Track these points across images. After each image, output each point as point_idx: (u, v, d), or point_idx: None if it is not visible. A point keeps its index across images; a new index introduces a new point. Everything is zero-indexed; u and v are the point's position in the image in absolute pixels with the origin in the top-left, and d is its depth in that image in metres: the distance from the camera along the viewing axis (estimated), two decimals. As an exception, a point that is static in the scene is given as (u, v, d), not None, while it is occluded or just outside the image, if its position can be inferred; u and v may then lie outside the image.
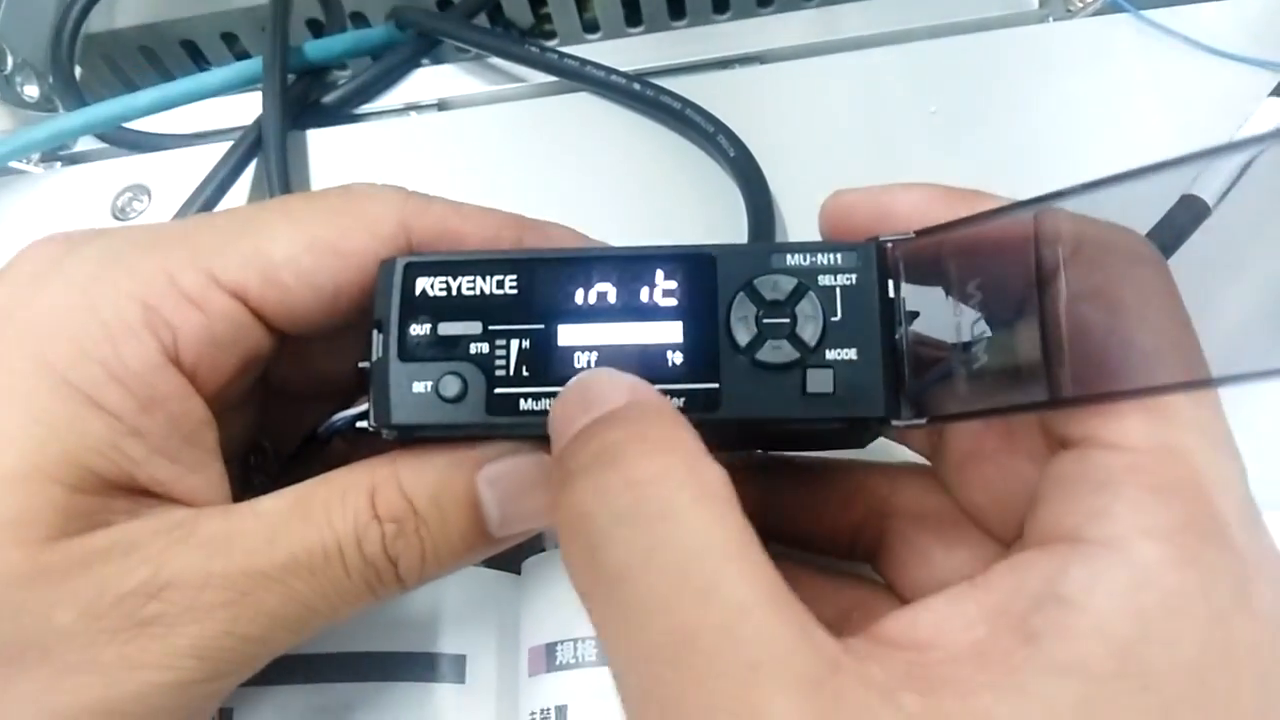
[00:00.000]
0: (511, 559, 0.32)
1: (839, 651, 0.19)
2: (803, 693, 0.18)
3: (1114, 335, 0.22)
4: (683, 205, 0.43)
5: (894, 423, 0.24)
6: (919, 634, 0.21)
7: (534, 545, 0.32)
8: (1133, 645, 0.19)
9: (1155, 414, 0.21)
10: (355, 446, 0.28)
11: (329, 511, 0.24)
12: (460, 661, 0.31)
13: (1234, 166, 0.33)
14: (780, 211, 0.41)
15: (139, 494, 0.24)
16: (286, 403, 0.30)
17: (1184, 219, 0.33)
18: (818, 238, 0.27)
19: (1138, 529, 0.20)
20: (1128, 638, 0.19)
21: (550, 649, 0.31)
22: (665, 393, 0.24)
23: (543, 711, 0.30)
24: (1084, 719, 0.18)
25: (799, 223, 0.41)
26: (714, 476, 0.21)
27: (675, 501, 0.20)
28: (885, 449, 0.28)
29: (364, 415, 0.26)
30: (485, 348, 0.25)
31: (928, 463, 0.28)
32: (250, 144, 0.44)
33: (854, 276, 0.24)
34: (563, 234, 0.29)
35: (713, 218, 0.42)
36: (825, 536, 0.29)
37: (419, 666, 0.31)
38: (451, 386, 0.24)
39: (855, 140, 0.43)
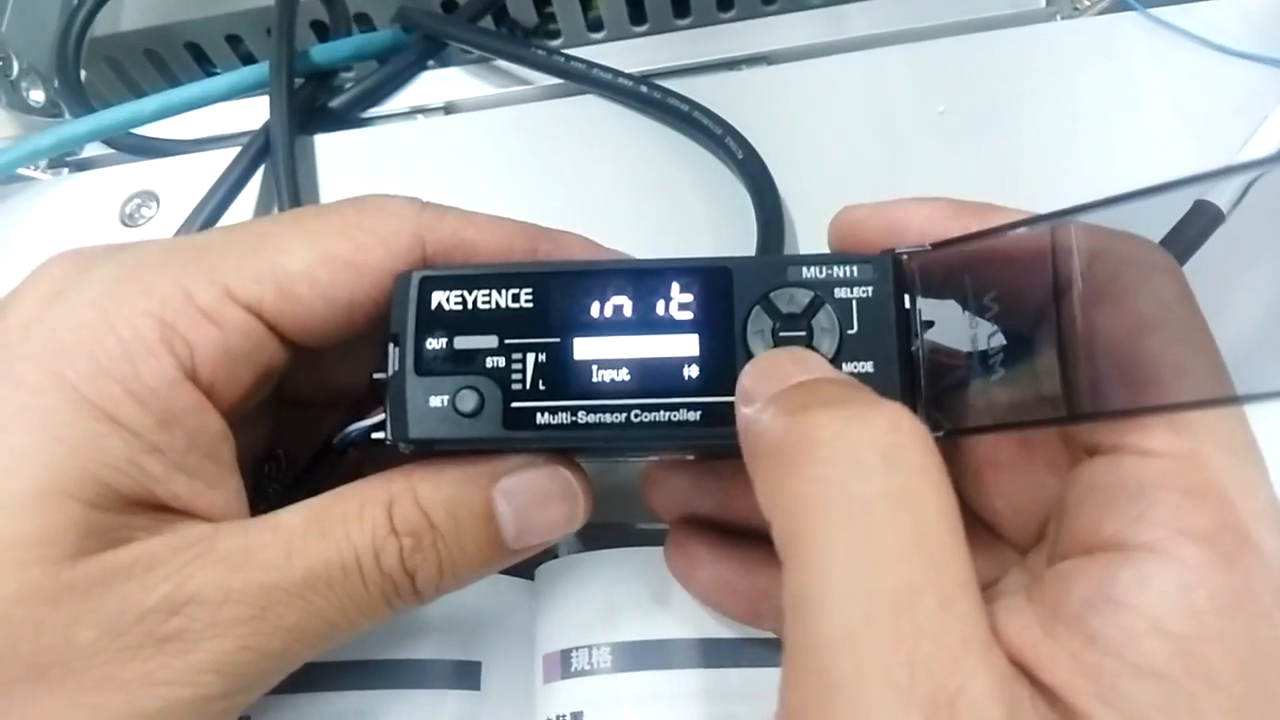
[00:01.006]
0: (525, 565, 0.32)
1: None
2: (1000, 683, 0.19)
3: (1132, 345, 0.22)
4: (691, 208, 0.43)
5: (911, 435, 0.24)
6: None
7: (547, 552, 0.32)
8: (1192, 644, 0.19)
9: (1177, 423, 0.21)
10: (369, 456, 0.29)
11: (346, 526, 0.24)
12: (475, 669, 0.31)
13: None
14: (789, 213, 0.41)
15: (158, 510, 0.24)
16: (300, 412, 0.31)
17: (1198, 225, 0.33)
18: (827, 243, 0.27)
19: (1178, 532, 0.20)
20: (1186, 636, 0.19)
21: (565, 655, 0.31)
22: (681, 406, 0.24)
23: (559, 718, 0.30)
24: (1169, 718, 0.19)
25: (808, 225, 0.41)
26: (940, 456, 0.21)
27: (926, 462, 0.21)
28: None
29: (379, 426, 0.26)
30: (501, 362, 0.25)
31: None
32: (258, 149, 0.44)
33: (870, 289, 0.24)
34: (576, 242, 0.29)
35: (721, 220, 0.42)
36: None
37: (435, 674, 0.31)
38: (468, 401, 0.24)
39: (863, 141, 0.43)
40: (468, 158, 0.46)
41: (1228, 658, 0.19)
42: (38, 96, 0.52)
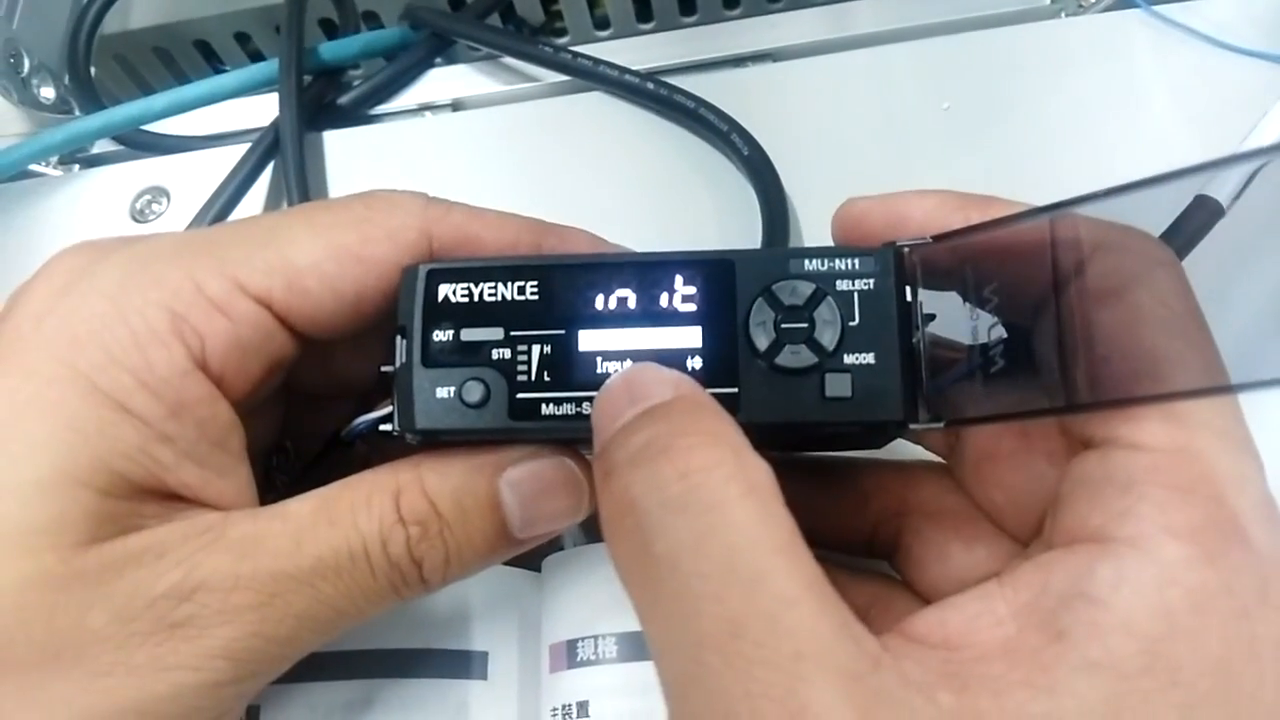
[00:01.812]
0: (532, 557, 0.32)
1: (878, 648, 0.20)
2: (846, 686, 0.19)
3: (1130, 338, 0.22)
4: (697, 204, 0.43)
5: (911, 426, 0.24)
6: (949, 632, 0.21)
7: (554, 543, 0.33)
8: (1160, 642, 0.19)
9: (1171, 415, 0.21)
10: (377, 448, 0.29)
11: (355, 514, 0.25)
12: (483, 658, 0.32)
13: (1248, 167, 0.33)
14: (795, 209, 0.41)
15: (168, 498, 0.25)
16: (308, 403, 0.31)
17: (1198, 220, 0.33)
18: (830, 240, 0.28)
19: (1162, 528, 0.20)
20: (1155, 635, 0.19)
21: (571, 646, 0.31)
22: None
23: (564, 707, 0.30)
24: (1114, 715, 0.19)
25: (813, 221, 0.41)
26: (760, 471, 0.21)
27: (725, 493, 0.21)
28: (901, 447, 0.28)
29: (386, 418, 0.26)
30: (507, 353, 0.25)
31: (944, 461, 0.28)
32: (268, 146, 0.45)
33: (872, 281, 0.25)
34: (581, 237, 0.29)
35: (727, 216, 0.42)
36: (842, 534, 0.29)
37: (442, 663, 0.31)
38: (474, 392, 0.25)
39: (869, 137, 0.43)
40: (475, 154, 0.46)
41: (1196, 656, 0.19)
42: (48, 94, 0.53)
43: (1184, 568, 0.20)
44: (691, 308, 0.25)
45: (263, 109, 0.48)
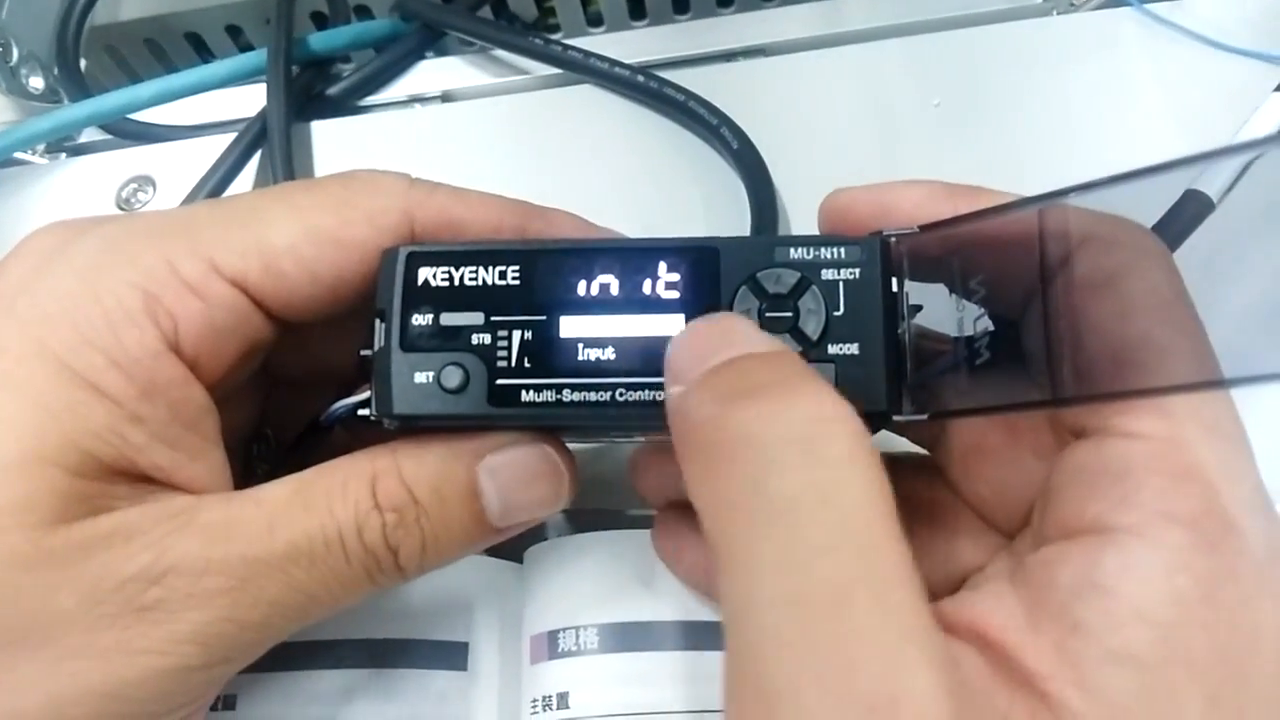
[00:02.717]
0: (514, 547, 0.32)
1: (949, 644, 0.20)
2: (944, 677, 0.18)
3: (1120, 328, 0.22)
4: (686, 198, 0.43)
5: (895, 418, 0.24)
6: (973, 629, 0.21)
7: (536, 534, 0.32)
8: (1174, 629, 0.19)
9: (1163, 405, 0.21)
10: (356, 434, 0.28)
11: (330, 500, 0.24)
12: (462, 649, 0.31)
13: (1237, 162, 0.33)
14: (783, 204, 0.41)
15: (140, 480, 0.24)
16: (288, 390, 0.31)
17: (1188, 214, 0.33)
18: (818, 230, 0.27)
19: (1162, 515, 0.20)
20: (1169, 621, 0.19)
21: (552, 636, 0.31)
22: None
23: (544, 699, 0.30)
24: (1146, 707, 0.19)
25: (802, 215, 0.41)
26: (869, 440, 0.20)
27: (851, 450, 0.20)
28: (885, 439, 0.28)
29: (365, 403, 0.26)
30: (487, 338, 0.25)
31: (928, 454, 0.28)
32: (255, 135, 0.45)
33: (857, 271, 0.24)
34: (566, 220, 0.29)
35: (716, 210, 0.42)
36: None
37: (421, 654, 0.31)
38: (453, 377, 0.24)
39: (859, 133, 0.43)
40: (465, 146, 0.46)
41: (1209, 644, 0.19)
42: (37, 83, 0.52)
43: (1188, 554, 0.20)
44: (675, 295, 0.25)
45: (251, 99, 0.47)
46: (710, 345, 0.22)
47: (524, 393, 0.25)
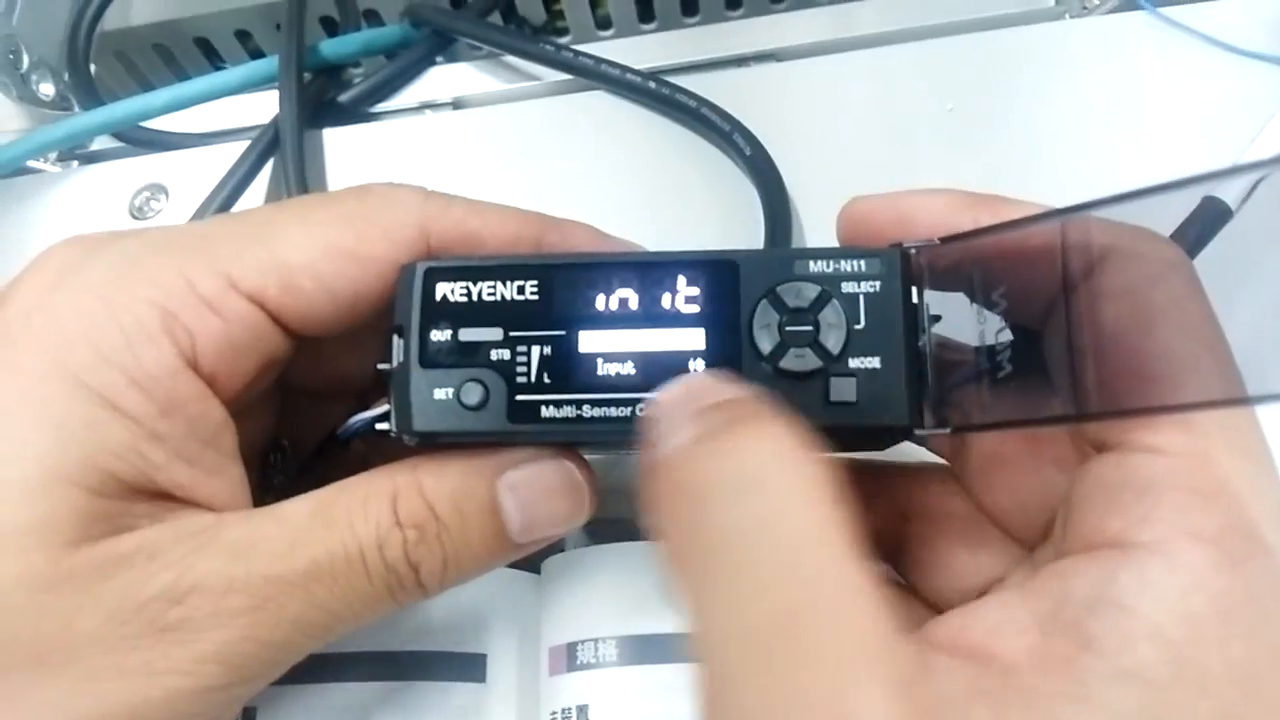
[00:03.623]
0: (532, 558, 0.32)
1: (921, 658, 0.20)
2: (897, 695, 0.18)
3: (1142, 340, 0.22)
4: (699, 204, 0.43)
5: (917, 431, 0.24)
6: (972, 641, 0.21)
7: (554, 545, 0.32)
8: (1186, 649, 0.19)
9: (1186, 420, 0.21)
10: (375, 447, 0.28)
11: (351, 517, 0.24)
12: (481, 661, 0.31)
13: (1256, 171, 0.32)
14: (797, 210, 0.41)
15: (160, 498, 0.24)
16: (304, 402, 0.31)
17: (1206, 221, 0.32)
18: (834, 239, 0.27)
19: (1183, 532, 0.20)
20: (1181, 641, 0.19)
21: (571, 649, 0.31)
22: None
23: (564, 711, 0.30)
24: None
25: (816, 221, 0.41)
26: (824, 470, 0.21)
27: (792, 484, 0.20)
28: (904, 449, 0.28)
29: (383, 417, 0.26)
30: (506, 354, 0.25)
31: (947, 464, 0.28)
32: (267, 143, 0.44)
33: (878, 284, 0.24)
34: (583, 232, 0.29)
35: (729, 216, 0.42)
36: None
37: (440, 666, 0.31)
38: (473, 394, 0.24)
39: (872, 138, 0.43)
40: (475, 153, 0.46)
41: (1223, 663, 0.19)
42: (47, 90, 0.52)
43: (1208, 573, 0.19)
44: (694, 309, 0.25)
45: (263, 106, 0.47)
46: (676, 402, 0.22)
47: (544, 408, 0.24)
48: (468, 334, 0.25)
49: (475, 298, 0.25)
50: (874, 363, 0.24)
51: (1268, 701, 0.19)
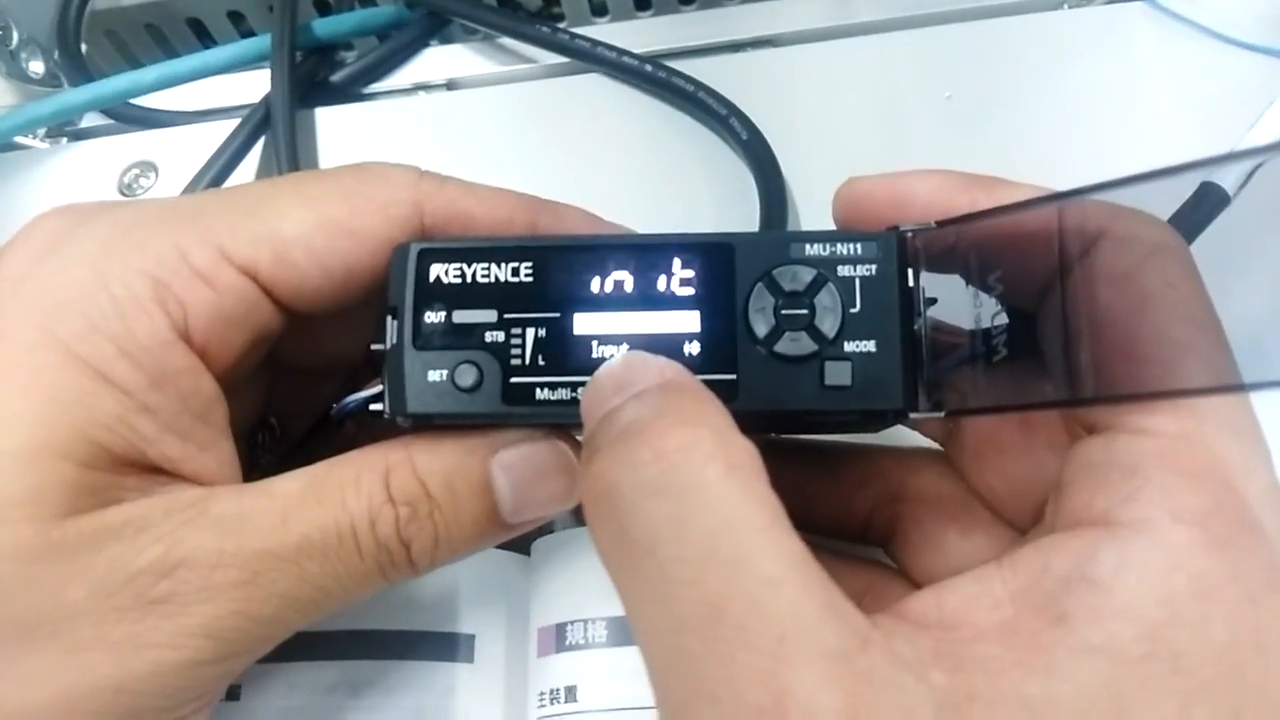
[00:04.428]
0: (522, 540, 0.32)
1: (868, 627, 0.19)
2: (831, 667, 0.18)
3: (1137, 324, 0.22)
4: (694, 188, 0.43)
5: (912, 415, 0.24)
6: (945, 613, 0.21)
7: (543, 526, 0.32)
8: (1162, 628, 0.19)
9: (1177, 402, 0.21)
10: (366, 427, 0.28)
11: (343, 493, 0.24)
12: (470, 641, 0.31)
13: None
14: (793, 195, 0.41)
15: (150, 471, 0.24)
16: (294, 379, 0.30)
17: (1203, 207, 0.32)
18: (830, 222, 0.27)
19: (1168, 513, 0.20)
20: (1157, 620, 0.19)
21: (560, 629, 0.31)
22: None
23: (552, 692, 0.30)
24: (1113, 700, 0.19)
25: (811, 206, 0.41)
26: (743, 450, 0.21)
27: (704, 473, 0.20)
28: (897, 432, 0.28)
29: (376, 398, 0.25)
30: (501, 336, 0.24)
31: (941, 447, 0.28)
32: (258, 121, 0.44)
33: (874, 267, 0.24)
34: (577, 215, 0.28)
35: (724, 201, 0.42)
36: (837, 520, 0.29)
37: (428, 645, 0.31)
38: (467, 376, 0.24)
39: (869, 125, 0.43)
40: (470, 134, 0.45)
41: (1199, 644, 0.19)
42: (37, 68, 0.52)
43: (1189, 553, 0.19)
44: (690, 291, 0.25)
45: (254, 85, 0.47)
46: (604, 394, 0.23)
47: (539, 390, 0.24)
48: (462, 315, 0.25)
49: (469, 279, 0.25)
50: (869, 346, 0.24)
51: (1249, 682, 0.19)
